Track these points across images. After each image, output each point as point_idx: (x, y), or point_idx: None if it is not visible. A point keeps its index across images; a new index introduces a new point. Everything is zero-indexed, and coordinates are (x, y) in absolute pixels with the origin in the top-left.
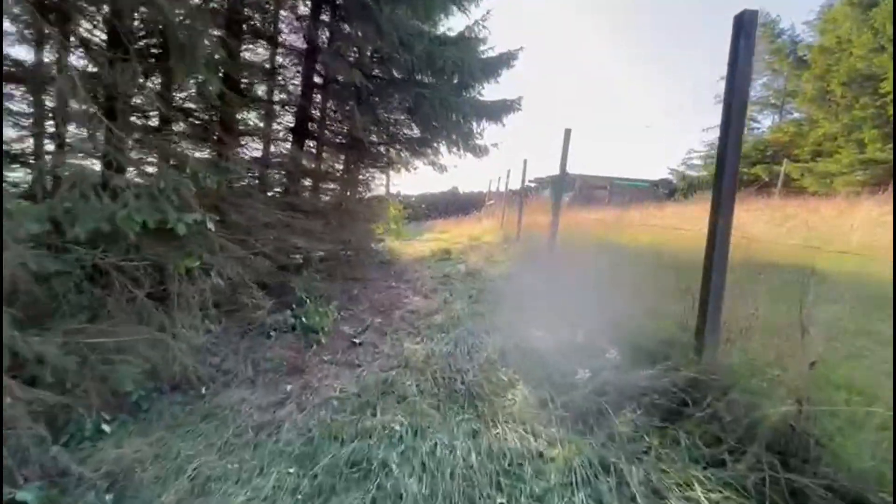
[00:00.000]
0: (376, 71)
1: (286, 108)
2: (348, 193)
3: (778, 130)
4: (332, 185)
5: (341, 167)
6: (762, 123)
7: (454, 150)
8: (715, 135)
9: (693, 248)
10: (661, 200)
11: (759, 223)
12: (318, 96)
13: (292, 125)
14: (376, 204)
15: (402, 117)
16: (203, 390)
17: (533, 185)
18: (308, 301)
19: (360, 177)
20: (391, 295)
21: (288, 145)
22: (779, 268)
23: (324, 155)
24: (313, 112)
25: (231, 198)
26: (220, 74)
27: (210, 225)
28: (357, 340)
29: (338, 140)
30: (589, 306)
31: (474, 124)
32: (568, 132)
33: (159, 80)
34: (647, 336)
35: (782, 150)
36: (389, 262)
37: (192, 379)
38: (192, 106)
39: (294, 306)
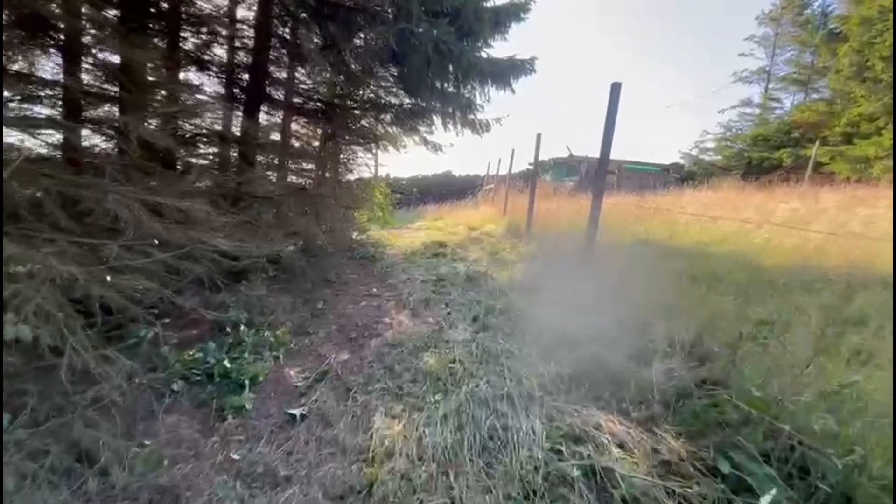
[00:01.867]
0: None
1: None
2: (326, 174)
3: (805, 110)
4: (307, 166)
5: (318, 144)
6: (784, 103)
7: (450, 124)
8: (728, 117)
9: (775, 248)
10: (677, 186)
11: (821, 216)
12: (285, 54)
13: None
14: (358, 187)
15: (388, 79)
16: None
17: (529, 168)
18: (245, 326)
19: (341, 156)
20: (368, 310)
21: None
22: None
23: (293, 127)
24: (278, 74)
25: (79, 177)
26: None
27: None
28: (298, 411)
29: (308, 106)
30: (709, 366)
31: (476, 90)
32: (616, 87)
33: None
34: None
35: (810, 131)
36: (372, 258)
37: None
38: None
39: (229, 330)
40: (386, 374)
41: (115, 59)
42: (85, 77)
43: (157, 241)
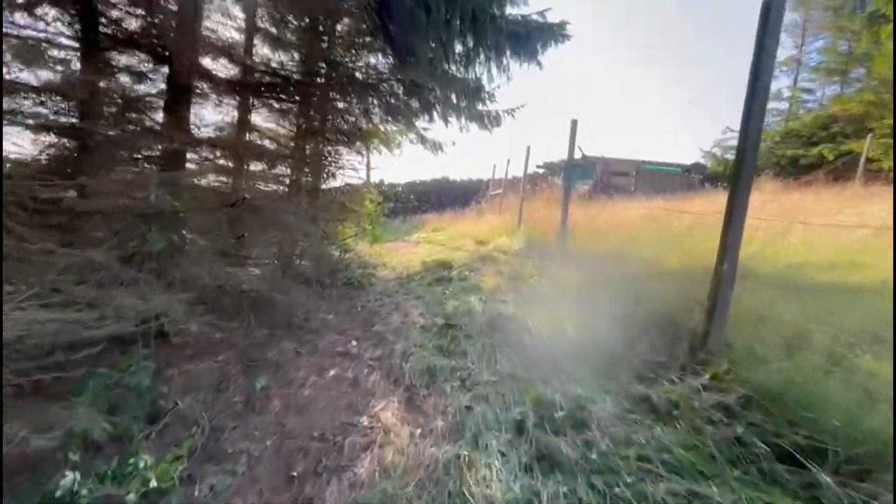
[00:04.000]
0: None
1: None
2: (301, 178)
3: (848, 101)
4: (278, 170)
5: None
6: (816, 95)
7: (452, 117)
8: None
9: None
10: (702, 188)
11: None
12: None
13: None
14: (342, 195)
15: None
16: None
17: (541, 170)
18: (73, 471)
19: (325, 158)
20: (338, 392)
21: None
22: None
23: (255, 121)
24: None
25: None
26: None
27: None
28: None
29: (270, 83)
30: None
31: (492, 61)
32: (775, 6)
33: None
34: None
35: (852, 124)
36: (358, 285)
37: None
38: None
39: (69, 456)
40: None
41: None
42: None
43: None
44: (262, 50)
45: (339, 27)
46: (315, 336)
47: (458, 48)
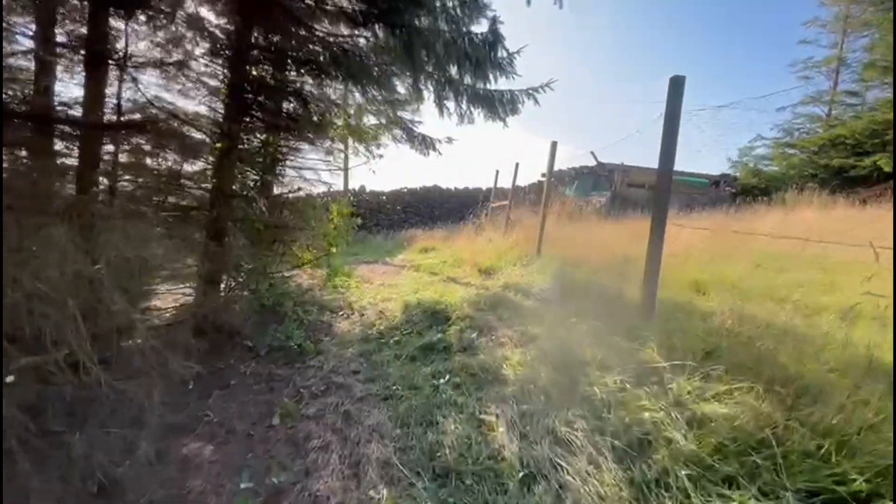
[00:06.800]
0: None
1: None
2: (230, 183)
3: None
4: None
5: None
6: (865, 97)
7: (450, 101)
8: (785, 117)
9: None
10: (734, 203)
11: None
12: None
13: None
14: (289, 206)
15: None
16: None
17: (544, 179)
18: None
19: (270, 152)
20: None
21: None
22: None
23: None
24: None
25: None
26: None
27: None
28: None
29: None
30: None
31: None
32: None
33: None
34: None
35: None
36: (298, 352)
37: None
38: None
39: None
40: None
41: None
42: None
43: None
44: None
45: None
46: None
47: None
